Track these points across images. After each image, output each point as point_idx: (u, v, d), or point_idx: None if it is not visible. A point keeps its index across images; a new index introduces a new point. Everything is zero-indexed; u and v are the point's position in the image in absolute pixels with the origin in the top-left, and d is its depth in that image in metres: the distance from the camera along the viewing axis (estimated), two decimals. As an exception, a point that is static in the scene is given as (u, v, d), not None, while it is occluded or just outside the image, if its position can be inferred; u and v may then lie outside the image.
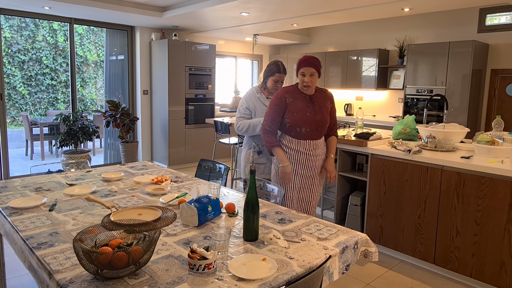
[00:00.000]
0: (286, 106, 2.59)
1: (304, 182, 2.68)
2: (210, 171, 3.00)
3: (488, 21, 5.48)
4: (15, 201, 2.06)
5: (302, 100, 2.61)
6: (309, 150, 2.63)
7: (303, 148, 2.62)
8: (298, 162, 2.64)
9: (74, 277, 1.31)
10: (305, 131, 2.60)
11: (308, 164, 2.65)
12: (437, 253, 2.92)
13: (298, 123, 2.58)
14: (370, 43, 6.93)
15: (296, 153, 2.63)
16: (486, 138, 2.98)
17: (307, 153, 2.63)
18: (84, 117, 5.61)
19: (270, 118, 2.62)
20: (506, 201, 2.54)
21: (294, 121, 2.58)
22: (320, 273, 1.38)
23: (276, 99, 2.63)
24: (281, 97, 2.61)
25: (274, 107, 2.62)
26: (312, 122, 2.60)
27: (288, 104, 2.59)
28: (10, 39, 8.79)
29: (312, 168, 2.68)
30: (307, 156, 2.64)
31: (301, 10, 4.91)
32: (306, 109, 2.59)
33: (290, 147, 2.64)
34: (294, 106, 2.58)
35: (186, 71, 6.40)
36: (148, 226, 1.61)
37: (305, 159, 2.64)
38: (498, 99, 5.50)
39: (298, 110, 2.58)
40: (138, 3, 5.25)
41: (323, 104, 2.66)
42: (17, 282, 2.79)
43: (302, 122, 2.57)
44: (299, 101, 2.60)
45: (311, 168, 2.68)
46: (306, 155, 2.63)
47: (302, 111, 2.58)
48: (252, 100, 2.98)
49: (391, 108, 6.75)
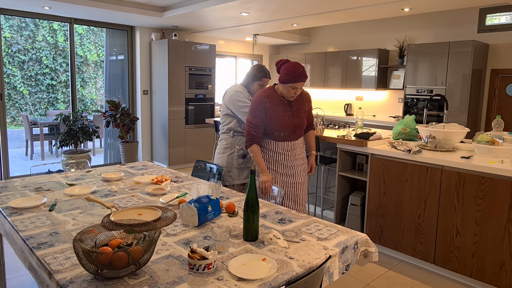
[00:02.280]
0: (265, 111, 2.55)
1: (285, 181, 2.67)
2: (203, 171, 2.99)
3: (488, 21, 5.48)
4: (15, 201, 2.06)
5: (280, 105, 2.57)
6: (288, 150, 2.63)
7: (281, 149, 2.61)
8: (277, 162, 2.63)
9: (74, 277, 1.31)
10: (284, 134, 2.58)
11: (287, 164, 2.64)
12: (437, 253, 2.92)
13: (276, 127, 2.56)
14: (370, 43, 6.93)
15: (275, 154, 2.62)
16: (486, 138, 2.98)
17: (285, 153, 2.62)
18: (84, 117, 5.61)
19: (253, 124, 2.56)
20: (506, 201, 2.54)
21: (273, 126, 2.55)
22: (320, 273, 1.38)
23: (256, 105, 2.56)
24: (261, 102, 2.55)
25: (255, 113, 2.55)
26: (290, 125, 2.58)
27: (267, 109, 2.54)
28: (10, 39, 8.79)
29: (291, 167, 2.66)
30: (286, 156, 2.63)
31: (301, 10, 4.91)
32: (284, 114, 2.56)
33: (269, 149, 2.63)
34: (273, 111, 2.55)
35: (186, 71, 6.40)
36: (148, 226, 1.61)
37: (284, 159, 2.63)
38: (498, 99, 5.50)
39: (277, 115, 2.55)
40: (138, 3, 5.25)
41: (301, 106, 2.65)
42: (17, 282, 2.79)
43: (280, 127, 2.56)
44: (277, 105, 2.56)
45: (291, 167, 2.66)
46: (284, 155, 2.63)
47: (281, 117, 2.55)
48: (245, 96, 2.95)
49: (391, 108, 6.75)
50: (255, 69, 2.95)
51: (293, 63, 2.46)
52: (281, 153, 2.62)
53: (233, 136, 2.96)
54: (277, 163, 2.63)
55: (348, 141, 3.46)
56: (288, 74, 2.43)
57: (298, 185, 2.71)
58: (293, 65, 2.44)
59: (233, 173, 2.95)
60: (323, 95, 7.84)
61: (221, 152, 3.00)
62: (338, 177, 3.65)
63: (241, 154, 2.95)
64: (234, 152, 2.95)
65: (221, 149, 3.01)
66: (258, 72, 2.93)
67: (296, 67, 2.43)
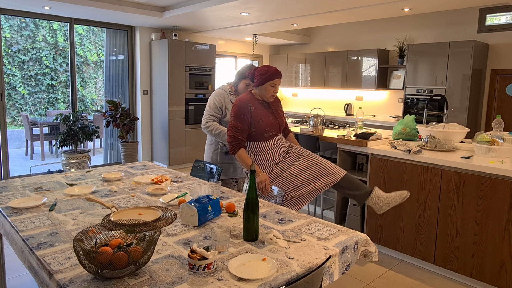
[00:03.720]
0: (250, 115, 2.57)
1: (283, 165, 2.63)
2: (202, 171, 3.00)
3: (488, 21, 5.48)
4: (15, 201, 2.06)
5: (262, 107, 2.64)
6: (275, 144, 2.66)
7: (271, 145, 2.64)
8: (273, 159, 2.63)
9: (74, 277, 1.31)
10: (272, 134, 2.64)
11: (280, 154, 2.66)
12: (437, 253, 2.92)
13: (264, 129, 2.59)
14: (370, 43, 6.93)
15: (267, 152, 2.62)
16: (486, 138, 2.98)
17: (275, 148, 2.65)
18: (84, 117, 5.61)
19: (240, 129, 2.55)
20: (506, 201, 2.54)
21: (262, 128, 2.59)
22: (320, 273, 1.38)
23: (240, 109, 2.57)
24: (246, 106, 2.57)
25: (240, 117, 2.55)
26: (275, 125, 2.66)
27: (252, 112, 2.58)
28: (10, 39, 8.79)
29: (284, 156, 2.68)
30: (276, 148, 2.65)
31: (301, 10, 4.91)
32: (268, 115, 2.64)
33: (261, 150, 2.62)
34: (257, 114, 2.59)
35: (186, 71, 6.40)
36: (148, 226, 1.61)
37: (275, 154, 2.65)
38: (498, 99, 5.50)
39: (262, 117, 2.60)
40: (138, 3, 5.25)
41: (276, 107, 2.76)
42: (17, 282, 2.79)
43: (268, 127, 2.61)
44: (260, 108, 2.62)
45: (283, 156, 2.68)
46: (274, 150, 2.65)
47: (266, 117, 2.61)
48: (226, 100, 2.99)
49: (391, 108, 6.75)
50: (243, 68, 3.02)
51: (263, 65, 2.62)
52: (271, 148, 2.65)
53: None
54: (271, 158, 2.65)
55: (348, 141, 3.46)
56: (263, 74, 2.56)
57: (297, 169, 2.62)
58: (265, 66, 2.60)
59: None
60: (323, 95, 7.84)
61: (207, 147, 3.13)
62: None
63: (225, 151, 3.04)
64: (218, 148, 3.05)
65: (207, 144, 3.14)
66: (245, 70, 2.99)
67: (268, 67, 2.59)
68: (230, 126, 2.58)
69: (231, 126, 2.58)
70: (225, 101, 2.98)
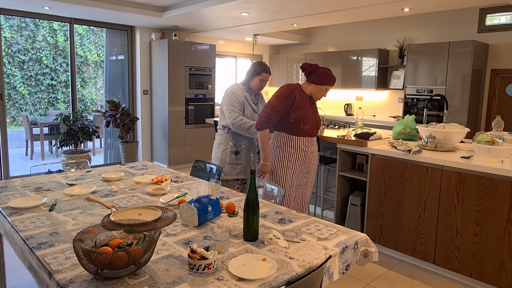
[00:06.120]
0: (294, 101, 2.61)
1: (301, 178, 2.74)
2: (203, 171, 3.00)
3: (488, 21, 5.48)
4: (15, 201, 2.06)
5: (306, 100, 2.69)
6: (307, 146, 2.70)
7: (302, 145, 2.68)
8: (296, 159, 2.68)
9: (74, 277, 1.31)
10: (307, 128, 2.66)
11: (304, 160, 2.71)
12: (437, 253, 2.92)
13: (303, 120, 2.63)
14: (370, 43, 6.93)
15: (295, 150, 2.66)
16: (486, 138, 2.98)
17: (305, 149, 2.69)
18: (84, 117, 5.61)
19: (276, 109, 2.60)
20: (506, 201, 2.54)
21: (300, 118, 2.62)
22: (320, 273, 1.38)
23: (285, 92, 2.62)
24: (292, 92, 2.62)
25: (282, 99, 2.61)
26: (313, 121, 2.70)
27: (296, 101, 2.62)
28: (10, 39, 8.79)
29: (308, 165, 2.75)
30: (305, 152, 2.70)
31: (301, 10, 4.91)
32: (309, 108, 2.69)
33: (289, 145, 2.66)
34: (301, 104, 2.63)
35: (186, 71, 6.40)
36: (148, 226, 1.61)
37: (303, 155, 2.70)
38: (498, 99, 5.50)
39: (304, 107, 2.64)
40: (138, 3, 5.25)
41: (316, 108, 2.83)
42: (17, 282, 2.79)
43: (306, 119, 2.64)
44: (304, 100, 2.67)
45: (307, 164, 2.74)
46: (303, 151, 2.69)
47: (307, 110, 2.66)
48: (242, 96, 3.00)
49: (391, 108, 6.75)
50: (255, 64, 3.04)
51: (327, 68, 2.70)
52: (302, 148, 2.68)
53: (228, 133, 3.07)
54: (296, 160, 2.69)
55: (348, 141, 3.46)
56: (325, 76, 2.63)
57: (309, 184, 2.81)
58: (330, 70, 2.69)
59: (225, 169, 3.06)
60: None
61: (216, 147, 3.13)
62: (338, 177, 3.65)
63: (234, 151, 3.04)
64: (228, 148, 3.05)
65: (216, 144, 3.14)
66: (259, 67, 3.02)
67: (331, 72, 2.68)
68: (269, 103, 2.64)
69: (270, 104, 2.63)
70: (242, 96, 3.00)
